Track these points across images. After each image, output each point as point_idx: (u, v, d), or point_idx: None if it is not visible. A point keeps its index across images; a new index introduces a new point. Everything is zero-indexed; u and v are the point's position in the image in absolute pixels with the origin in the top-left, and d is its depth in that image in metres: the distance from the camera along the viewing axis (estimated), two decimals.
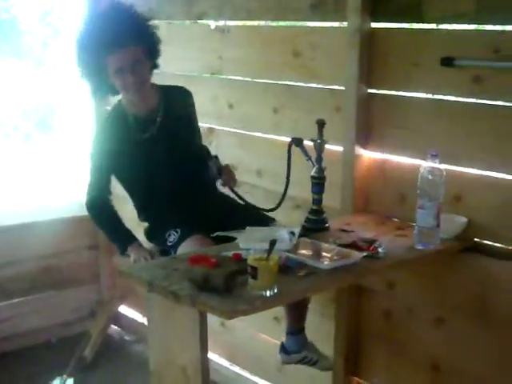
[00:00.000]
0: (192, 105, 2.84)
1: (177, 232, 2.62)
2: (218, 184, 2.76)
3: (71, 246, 4.23)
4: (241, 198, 2.77)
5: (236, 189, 2.78)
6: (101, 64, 2.57)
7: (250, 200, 2.81)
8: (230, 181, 2.74)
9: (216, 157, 2.73)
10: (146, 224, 2.84)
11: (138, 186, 2.78)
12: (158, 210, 2.76)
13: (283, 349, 2.83)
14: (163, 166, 2.71)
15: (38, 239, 4.01)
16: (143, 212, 2.83)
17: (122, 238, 2.79)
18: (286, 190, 2.66)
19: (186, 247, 2.55)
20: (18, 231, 3.98)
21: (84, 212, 4.23)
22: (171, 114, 2.73)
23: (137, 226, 2.87)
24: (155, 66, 2.73)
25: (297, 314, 2.77)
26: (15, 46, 5.96)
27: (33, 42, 5.98)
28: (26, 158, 5.80)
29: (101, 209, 2.81)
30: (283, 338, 2.83)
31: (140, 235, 2.82)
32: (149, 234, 2.82)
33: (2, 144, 5.82)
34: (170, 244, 2.64)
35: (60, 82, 5.62)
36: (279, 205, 2.69)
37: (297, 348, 2.80)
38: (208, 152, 2.88)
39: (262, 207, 2.74)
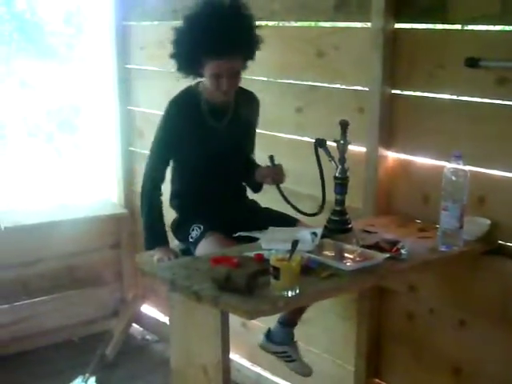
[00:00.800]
0: (258, 113, 2.86)
1: (200, 228, 2.64)
2: (268, 180, 2.75)
3: (94, 245, 4.26)
4: (285, 198, 2.76)
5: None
6: (200, 60, 2.55)
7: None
8: (281, 177, 2.73)
9: (272, 156, 2.73)
10: (173, 213, 2.86)
11: (190, 171, 2.79)
12: (194, 199, 2.78)
13: (268, 334, 2.82)
14: (222, 157, 2.73)
15: (61, 238, 4.04)
16: (179, 198, 2.83)
17: (156, 234, 2.80)
18: (324, 192, 2.63)
19: (206, 245, 2.57)
20: (41, 230, 4.01)
21: (106, 211, 4.34)
22: (241, 112, 2.75)
23: None
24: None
25: (297, 309, 2.75)
26: (39, 47, 6.01)
27: (57, 42, 6.02)
28: (49, 158, 5.84)
29: (152, 197, 2.80)
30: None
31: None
32: (175, 226, 2.83)
33: (25, 143, 5.87)
34: (191, 240, 2.66)
35: (84, 83, 5.65)
36: (322, 209, 2.65)
37: (280, 340, 2.79)
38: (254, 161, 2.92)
39: (304, 211, 2.72)
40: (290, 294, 1.90)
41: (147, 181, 2.81)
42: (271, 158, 2.71)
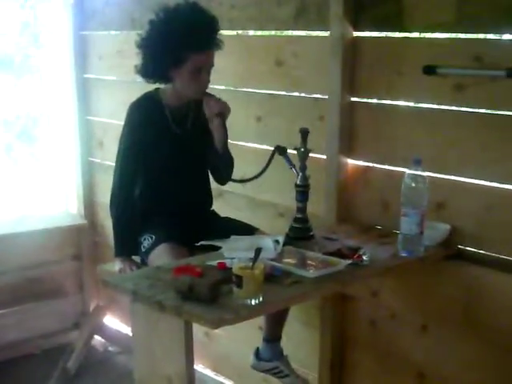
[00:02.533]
0: None
1: (151, 238, 2.64)
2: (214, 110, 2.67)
3: (54, 256, 4.20)
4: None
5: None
6: (180, 56, 2.56)
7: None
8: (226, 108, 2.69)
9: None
10: None
11: (152, 177, 2.77)
12: (151, 207, 2.76)
13: (257, 353, 2.82)
14: (185, 164, 2.74)
15: (21, 250, 3.99)
16: (141, 202, 2.80)
17: (120, 244, 2.78)
18: (261, 172, 2.62)
19: (158, 255, 2.56)
20: (1, 242, 3.94)
21: (66, 222, 4.28)
22: (201, 116, 2.74)
23: None
24: None
25: (274, 321, 2.77)
26: None
27: (13, 52, 5.94)
28: (7, 170, 5.75)
29: (119, 204, 2.77)
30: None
31: None
32: None
33: None
34: (143, 250, 2.66)
35: (42, 93, 5.59)
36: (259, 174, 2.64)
37: (269, 356, 2.79)
38: None
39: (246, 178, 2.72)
40: (253, 302, 1.89)
41: (116, 188, 2.77)
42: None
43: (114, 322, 4.34)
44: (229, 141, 3.19)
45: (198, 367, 3.59)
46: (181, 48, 2.55)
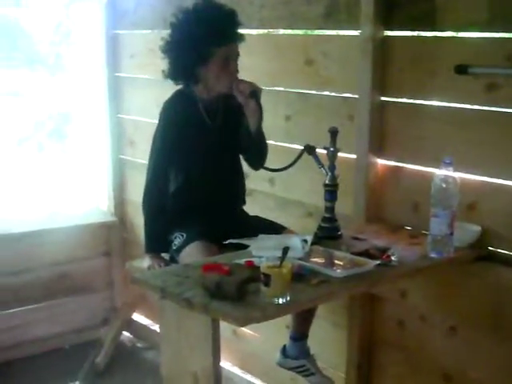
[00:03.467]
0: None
1: (182, 236, 2.65)
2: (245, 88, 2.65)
3: (84, 253, 4.24)
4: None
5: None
6: (206, 51, 2.60)
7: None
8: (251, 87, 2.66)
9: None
10: None
11: (185, 174, 2.77)
12: (183, 205, 2.77)
13: (283, 351, 2.82)
14: (218, 159, 2.75)
15: (52, 246, 4.03)
16: (173, 200, 2.81)
17: (150, 240, 2.80)
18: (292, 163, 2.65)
19: (189, 253, 2.57)
20: (32, 238, 4.00)
21: (97, 219, 4.33)
22: (231, 110, 2.76)
23: None
24: None
25: (301, 320, 2.76)
26: (28, 56, 6.00)
27: (47, 51, 6.02)
28: (40, 167, 5.83)
29: (151, 200, 2.79)
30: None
31: None
32: None
33: (15, 153, 5.85)
34: (174, 248, 2.67)
35: (74, 92, 5.65)
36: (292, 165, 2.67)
37: (296, 354, 2.79)
38: None
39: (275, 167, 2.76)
40: (280, 301, 1.90)
41: (149, 186, 2.79)
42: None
43: (142, 318, 4.37)
44: None
45: (226, 365, 3.60)
46: (205, 45, 2.58)
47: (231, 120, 2.76)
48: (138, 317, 4.38)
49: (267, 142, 2.80)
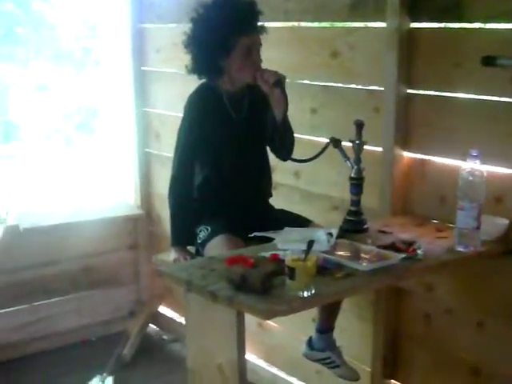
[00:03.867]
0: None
1: (207, 229, 2.66)
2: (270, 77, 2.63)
3: (111, 246, 4.28)
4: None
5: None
6: (229, 42, 2.61)
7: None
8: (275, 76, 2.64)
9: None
10: None
11: (212, 168, 2.77)
12: (209, 198, 2.78)
13: (309, 342, 2.83)
14: (244, 152, 2.76)
15: (79, 239, 4.07)
16: (199, 193, 2.82)
17: (176, 233, 2.82)
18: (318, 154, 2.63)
19: (214, 246, 2.58)
20: (59, 231, 4.03)
21: (123, 212, 4.36)
22: (256, 102, 2.76)
23: None
24: None
25: (327, 312, 2.76)
26: (56, 49, 6.05)
27: (74, 44, 6.06)
28: (68, 160, 5.88)
29: (176, 193, 2.80)
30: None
31: None
32: None
33: (43, 146, 5.91)
34: (199, 241, 2.68)
35: (101, 85, 5.69)
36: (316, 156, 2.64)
37: (322, 347, 2.79)
38: None
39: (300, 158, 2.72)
40: (305, 294, 1.90)
41: (174, 179, 2.80)
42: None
43: (168, 310, 4.39)
44: None
45: (251, 358, 3.61)
46: (227, 36, 2.59)
47: (257, 111, 2.76)
48: (164, 309, 4.41)
49: (291, 129, 2.79)
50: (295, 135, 2.83)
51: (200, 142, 2.73)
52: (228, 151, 2.75)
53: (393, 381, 2.95)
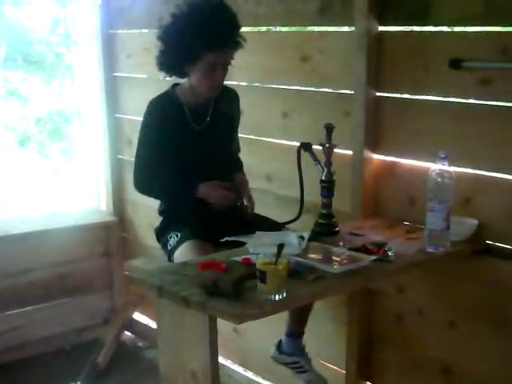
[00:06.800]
0: (239, 109, 2.86)
1: (176, 236, 2.65)
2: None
3: (84, 253, 4.25)
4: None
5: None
6: (195, 53, 2.57)
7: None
8: (250, 208, 2.73)
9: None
10: (159, 220, 2.85)
11: (179, 174, 2.73)
12: (179, 202, 2.76)
13: (278, 346, 2.83)
14: (206, 161, 2.73)
15: (51, 247, 4.04)
16: (163, 204, 2.82)
17: (182, 191, 2.73)
18: (302, 197, 2.67)
19: (182, 253, 2.57)
20: (31, 239, 4.00)
21: (96, 219, 4.33)
22: (221, 111, 2.75)
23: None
24: None
25: (297, 317, 2.76)
26: (27, 55, 6.01)
27: (45, 51, 6.03)
28: (39, 167, 5.84)
29: (150, 178, 2.73)
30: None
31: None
32: (157, 233, 2.82)
33: (14, 153, 5.86)
34: (169, 247, 2.67)
35: (72, 91, 5.66)
36: (299, 215, 2.69)
37: (290, 351, 2.79)
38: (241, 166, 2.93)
39: (281, 221, 2.74)
40: (277, 297, 1.90)
41: (140, 173, 2.74)
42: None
43: (142, 317, 4.38)
44: (254, 137, 3.22)
45: (227, 362, 3.61)
46: (196, 46, 2.55)
47: (220, 119, 2.75)
48: (138, 316, 4.39)
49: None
50: (267, 139, 2.84)
51: (160, 150, 2.69)
52: (189, 160, 2.72)
53: (368, 382, 2.97)
